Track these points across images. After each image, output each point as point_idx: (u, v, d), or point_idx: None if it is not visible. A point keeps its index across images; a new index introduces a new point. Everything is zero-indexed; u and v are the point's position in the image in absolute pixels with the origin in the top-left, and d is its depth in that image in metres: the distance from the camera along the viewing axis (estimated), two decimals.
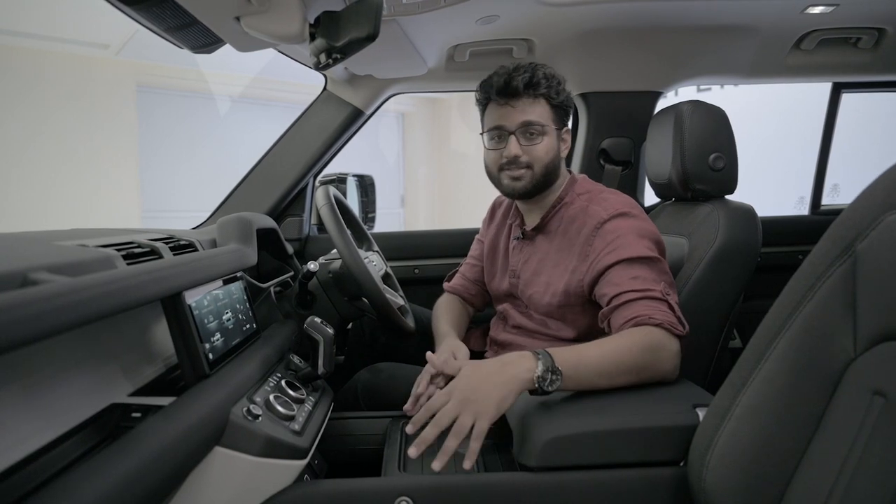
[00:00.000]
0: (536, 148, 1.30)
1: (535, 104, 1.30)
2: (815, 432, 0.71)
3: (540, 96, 1.29)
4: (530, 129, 1.29)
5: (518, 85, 1.27)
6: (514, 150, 1.30)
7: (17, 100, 4.55)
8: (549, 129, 1.31)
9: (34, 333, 0.48)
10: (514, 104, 1.29)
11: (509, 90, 1.28)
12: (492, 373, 0.96)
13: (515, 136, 1.30)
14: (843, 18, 1.73)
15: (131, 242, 0.93)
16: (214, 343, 0.89)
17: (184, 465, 0.72)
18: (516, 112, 1.29)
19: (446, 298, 1.59)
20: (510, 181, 1.33)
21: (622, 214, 1.25)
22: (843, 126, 2.28)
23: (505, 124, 1.30)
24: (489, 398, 0.92)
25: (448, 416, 0.90)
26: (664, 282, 1.16)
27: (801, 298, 0.73)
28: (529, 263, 1.39)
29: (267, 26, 1.06)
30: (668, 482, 0.90)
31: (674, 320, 1.09)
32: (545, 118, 1.30)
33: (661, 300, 1.12)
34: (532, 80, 1.28)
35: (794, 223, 2.25)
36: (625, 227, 1.23)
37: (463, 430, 0.89)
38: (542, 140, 1.30)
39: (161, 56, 5.14)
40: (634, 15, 1.68)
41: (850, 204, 0.72)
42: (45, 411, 0.66)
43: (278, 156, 1.97)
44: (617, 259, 1.18)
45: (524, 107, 1.29)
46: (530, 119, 1.29)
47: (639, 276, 1.15)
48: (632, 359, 1.03)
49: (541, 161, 1.31)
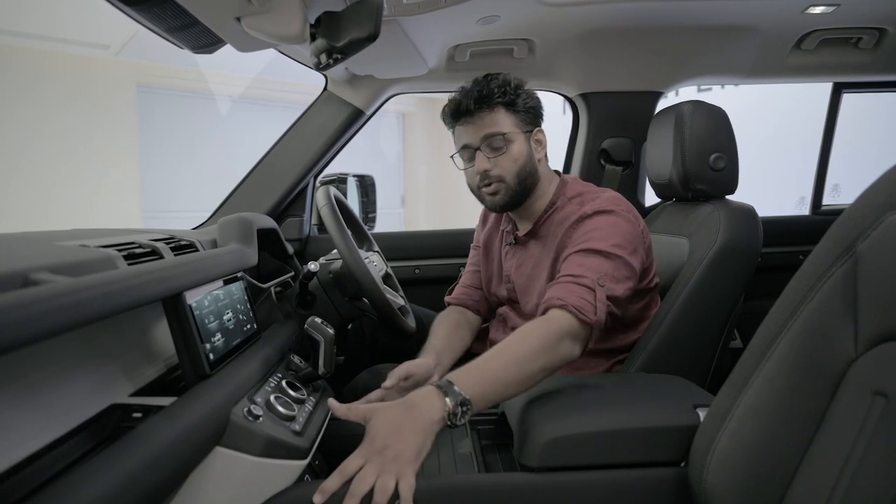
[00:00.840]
0: (503, 159, 1.31)
1: (494, 115, 1.30)
2: (816, 433, 0.71)
3: (496, 105, 1.30)
4: (493, 142, 1.30)
5: (468, 104, 1.29)
6: (483, 165, 1.31)
7: (18, 100, 4.56)
8: (514, 135, 1.31)
9: (35, 334, 0.48)
10: (472, 121, 1.31)
11: (461, 110, 1.31)
12: (402, 422, 0.88)
13: (481, 151, 1.31)
14: (843, 18, 1.73)
15: (132, 243, 0.93)
16: (215, 343, 0.89)
17: (184, 466, 0.72)
18: (475, 127, 1.31)
19: (444, 314, 1.56)
20: (489, 198, 1.35)
21: (604, 212, 1.25)
22: (843, 126, 2.27)
23: (469, 141, 1.32)
24: (407, 451, 0.85)
25: (367, 481, 0.81)
26: (607, 275, 1.15)
27: (802, 298, 0.73)
28: (523, 269, 1.39)
29: (267, 27, 1.06)
30: (669, 483, 0.90)
31: (585, 306, 1.08)
32: (507, 125, 1.30)
33: (586, 287, 1.11)
34: (482, 93, 1.29)
35: (795, 223, 2.25)
36: (601, 223, 1.23)
37: (387, 490, 0.81)
38: (508, 148, 1.30)
39: (161, 56, 5.14)
40: (635, 15, 1.68)
41: (852, 204, 0.72)
42: (45, 412, 0.66)
43: (279, 156, 1.97)
44: (576, 249, 1.19)
45: (482, 120, 1.30)
46: (490, 131, 1.30)
47: (583, 265, 1.15)
48: (530, 361, 1.00)
49: (510, 171, 1.31)
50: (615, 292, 1.14)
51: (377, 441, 0.86)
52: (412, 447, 0.86)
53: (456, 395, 0.91)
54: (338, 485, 0.83)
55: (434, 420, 0.89)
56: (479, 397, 0.93)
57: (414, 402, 0.91)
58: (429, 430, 0.88)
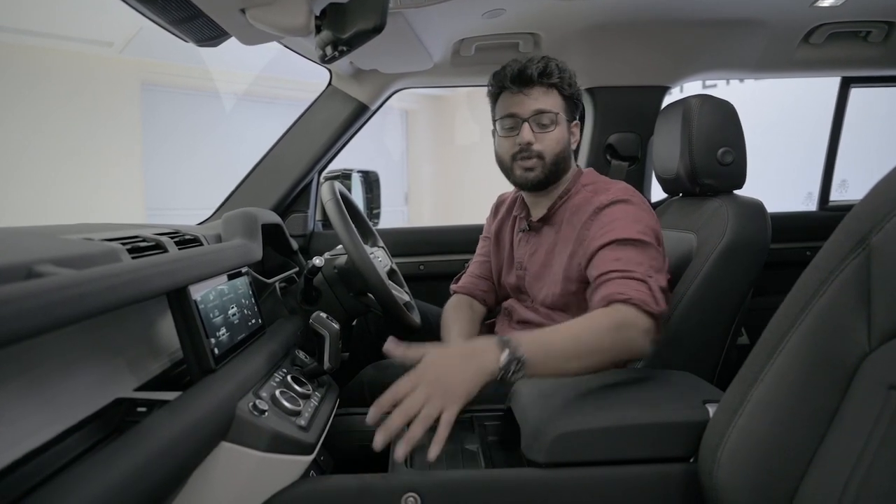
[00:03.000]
0: (548, 136, 1.31)
1: (548, 93, 1.31)
2: (828, 428, 0.70)
3: (553, 86, 1.31)
4: (543, 118, 1.31)
5: (532, 73, 1.29)
6: (527, 137, 1.30)
7: (22, 98, 4.56)
8: (561, 118, 1.32)
9: (39, 325, 0.48)
10: (527, 92, 1.31)
11: (523, 78, 1.30)
12: (458, 362, 0.91)
13: (528, 124, 1.31)
14: (852, 12, 1.71)
15: (136, 236, 0.93)
16: (220, 338, 0.89)
17: (190, 460, 0.72)
18: (529, 100, 1.31)
19: (455, 302, 1.56)
20: (522, 171, 1.34)
21: (622, 201, 1.26)
22: (851, 121, 2.26)
23: (518, 111, 1.31)
24: (457, 387, 0.88)
25: (416, 404, 0.85)
26: (649, 265, 1.15)
27: (814, 292, 0.72)
28: (537, 255, 1.39)
29: (273, 18, 1.05)
30: (679, 478, 0.89)
31: (647, 298, 1.08)
32: (557, 107, 1.32)
33: (639, 280, 1.11)
34: (546, 69, 1.30)
35: (803, 219, 2.24)
36: (621, 212, 1.23)
37: (430, 418, 0.84)
38: (554, 129, 1.31)
39: (165, 54, 5.15)
40: (641, 9, 1.67)
41: (865, 196, 0.71)
42: (50, 405, 0.66)
43: (283, 151, 1.97)
44: (606, 241, 1.19)
45: (538, 95, 1.31)
46: (543, 107, 1.30)
47: (622, 258, 1.15)
48: (598, 339, 1.01)
49: (552, 150, 1.31)
50: (661, 282, 1.15)
51: (430, 371, 0.89)
52: (462, 385, 0.88)
53: (515, 350, 0.92)
54: (390, 403, 0.85)
55: (487, 368, 0.91)
56: (537, 361, 0.94)
57: (472, 347, 0.94)
58: (480, 374, 0.90)
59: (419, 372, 0.89)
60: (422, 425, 0.84)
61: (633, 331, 1.05)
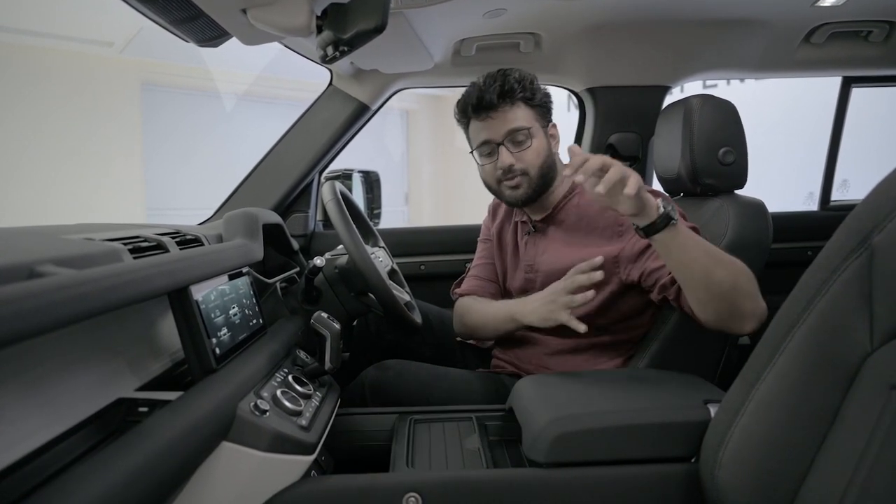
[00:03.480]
0: (527, 153, 1.31)
1: (515, 109, 1.30)
2: (830, 428, 0.70)
3: (517, 101, 1.30)
4: (517, 136, 1.30)
5: (491, 98, 1.28)
6: (507, 160, 1.31)
7: (22, 98, 4.56)
8: (535, 130, 1.32)
9: (40, 325, 0.48)
10: (493, 116, 1.30)
11: (484, 104, 1.30)
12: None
13: (504, 146, 1.31)
14: (854, 11, 1.71)
15: (137, 236, 0.93)
16: (221, 338, 0.89)
17: (191, 460, 0.72)
18: (498, 122, 1.30)
19: (465, 300, 1.55)
20: (511, 191, 1.35)
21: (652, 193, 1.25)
22: (852, 121, 2.26)
23: (490, 137, 1.32)
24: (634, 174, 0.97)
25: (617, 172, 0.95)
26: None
27: (816, 292, 0.72)
28: (548, 255, 1.38)
29: (274, 18, 1.05)
30: (680, 479, 0.89)
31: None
32: (528, 120, 1.31)
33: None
34: (504, 87, 1.28)
35: (804, 219, 2.24)
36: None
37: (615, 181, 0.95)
38: (530, 143, 1.31)
39: (165, 54, 5.15)
40: (642, 8, 1.67)
41: (867, 196, 0.71)
42: (51, 406, 0.66)
43: (284, 151, 1.97)
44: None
45: (504, 115, 1.30)
46: (514, 126, 1.30)
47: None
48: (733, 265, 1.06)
49: (534, 164, 1.32)
50: None
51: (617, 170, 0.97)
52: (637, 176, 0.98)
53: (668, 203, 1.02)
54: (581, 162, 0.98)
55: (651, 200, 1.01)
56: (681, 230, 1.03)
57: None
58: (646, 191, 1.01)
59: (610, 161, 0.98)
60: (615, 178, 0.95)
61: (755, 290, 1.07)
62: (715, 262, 1.04)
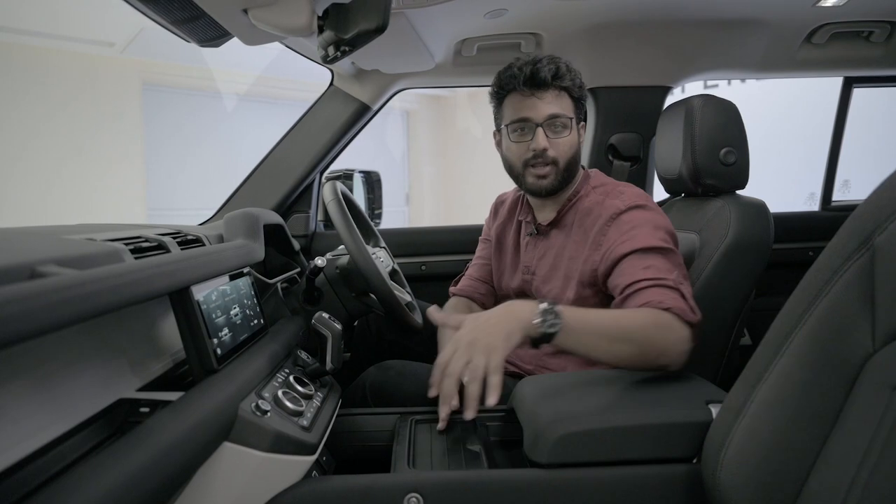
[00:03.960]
0: (562, 142, 1.28)
1: (560, 97, 1.28)
2: (832, 429, 0.69)
3: (564, 88, 1.27)
4: (557, 122, 1.27)
5: (546, 76, 1.24)
6: (543, 143, 1.27)
7: (23, 98, 4.57)
8: (573, 122, 1.29)
9: (43, 325, 0.48)
10: (540, 95, 1.26)
11: (536, 80, 1.25)
12: (492, 315, 0.96)
13: (543, 129, 1.27)
14: (855, 12, 1.71)
15: (139, 237, 0.93)
16: (222, 338, 0.89)
17: (193, 461, 0.72)
18: (543, 104, 1.26)
19: (453, 303, 1.56)
20: (535, 179, 1.30)
21: (639, 206, 1.24)
22: (853, 121, 2.26)
23: (531, 116, 1.27)
24: (495, 334, 0.91)
25: (459, 362, 0.89)
26: (677, 272, 1.14)
27: (818, 292, 0.72)
28: (546, 259, 1.37)
29: (275, 19, 1.05)
30: (681, 479, 0.89)
31: (685, 307, 1.07)
32: (570, 111, 1.29)
33: (672, 288, 1.10)
34: (558, 71, 1.26)
35: (805, 219, 2.24)
36: (640, 219, 1.21)
37: (477, 370, 0.88)
38: (567, 134, 1.28)
39: (166, 54, 5.15)
40: (644, 8, 1.67)
41: (869, 196, 0.71)
42: (53, 406, 0.66)
43: (285, 151, 1.97)
44: (631, 249, 1.17)
45: (551, 99, 1.27)
46: (557, 111, 1.27)
47: (651, 266, 1.13)
48: (638, 329, 1.01)
49: (566, 156, 1.29)
50: (689, 290, 1.14)
51: (467, 333, 0.93)
52: (500, 333, 0.92)
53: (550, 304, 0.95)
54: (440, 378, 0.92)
55: (524, 318, 0.93)
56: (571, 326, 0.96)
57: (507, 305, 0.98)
58: (516, 324, 0.93)
59: (457, 337, 0.92)
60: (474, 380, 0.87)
61: (672, 334, 1.04)
62: (615, 340, 1.00)
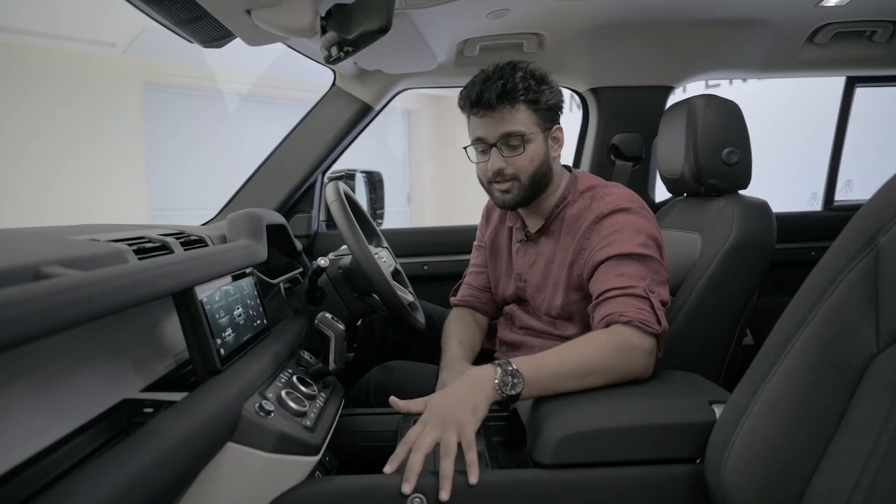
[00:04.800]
0: (519, 159, 1.25)
1: (515, 112, 1.23)
2: (836, 429, 0.69)
3: (519, 102, 1.23)
4: (511, 140, 1.24)
5: (490, 97, 1.21)
6: (497, 164, 1.25)
7: (24, 98, 4.57)
8: (534, 134, 1.25)
9: (47, 327, 0.48)
10: (491, 115, 1.24)
11: (482, 103, 1.23)
12: (455, 390, 0.96)
13: (497, 148, 1.25)
14: (858, 11, 1.71)
15: (142, 237, 0.93)
16: (226, 338, 0.89)
17: (196, 462, 0.72)
18: (494, 123, 1.24)
19: (456, 314, 1.54)
20: (500, 194, 1.30)
21: (622, 210, 1.22)
22: (856, 121, 2.25)
23: (484, 136, 1.26)
24: (462, 409, 0.92)
25: (428, 440, 0.89)
26: (651, 279, 1.13)
27: (822, 293, 0.72)
28: (536, 267, 1.36)
29: (278, 19, 1.05)
30: (685, 479, 0.89)
31: (648, 318, 1.06)
32: (527, 124, 1.24)
33: (641, 297, 1.09)
34: (506, 87, 1.21)
35: (808, 219, 2.23)
36: (622, 223, 1.20)
37: (450, 446, 0.89)
38: (525, 149, 1.24)
39: (167, 54, 5.16)
40: (646, 8, 1.66)
41: (873, 196, 0.71)
42: (57, 406, 0.66)
43: (287, 152, 1.97)
44: (607, 255, 1.16)
45: (502, 116, 1.23)
46: (509, 130, 1.23)
47: (624, 273, 1.13)
48: (596, 359, 1.01)
49: (526, 171, 1.26)
50: (662, 297, 1.13)
51: (435, 409, 0.94)
52: (466, 407, 0.93)
53: (506, 366, 0.97)
54: (404, 454, 0.90)
55: (484, 386, 0.95)
56: (532, 375, 0.98)
57: (466, 375, 0.99)
58: (480, 394, 0.95)
59: (424, 417, 0.94)
60: (448, 458, 0.88)
61: (633, 352, 1.04)
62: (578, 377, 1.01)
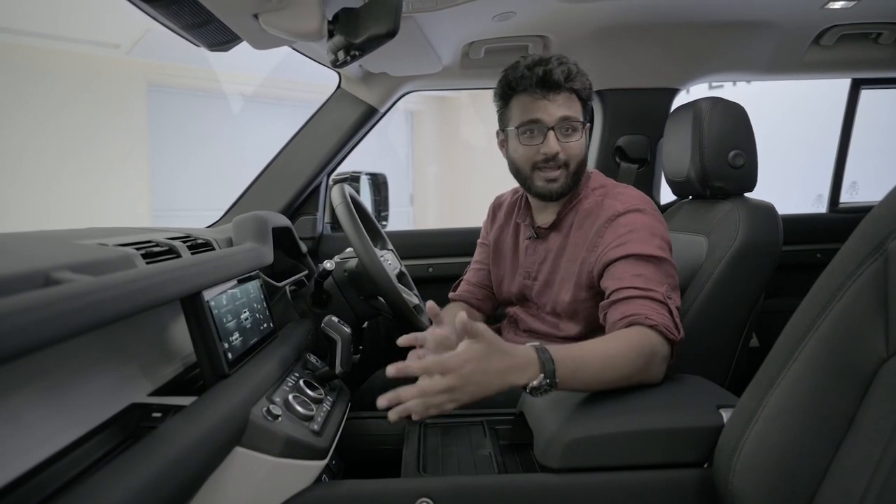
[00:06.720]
0: (573, 145, 1.26)
1: (571, 99, 1.24)
2: (845, 434, 0.69)
3: (575, 91, 1.24)
4: (568, 125, 1.24)
5: (559, 78, 1.21)
6: (555, 147, 1.24)
7: (28, 99, 4.59)
8: (582, 125, 1.27)
9: (59, 333, 0.48)
10: (551, 98, 1.23)
11: (549, 82, 1.21)
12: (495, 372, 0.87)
13: (554, 132, 1.24)
14: (864, 13, 1.70)
15: (150, 241, 0.93)
16: (233, 342, 0.89)
17: (205, 467, 0.72)
18: (554, 106, 1.23)
19: (451, 306, 1.54)
20: (545, 182, 1.28)
21: (637, 210, 1.22)
22: (861, 123, 2.25)
23: (543, 118, 1.24)
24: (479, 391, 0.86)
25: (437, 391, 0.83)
26: (668, 284, 1.12)
27: (831, 297, 0.71)
28: (546, 264, 1.36)
29: (285, 23, 1.05)
30: (693, 484, 0.89)
31: (670, 324, 1.05)
32: (579, 113, 1.26)
33: (660, 302, 1.08)
34: (570, 74, 1.22)
35: (813, 221, 2.23)
36: (638, 223, 1.20)
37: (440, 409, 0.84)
38: (577, 137, 1.26)
39: (171, 55, 5.16)
40: (651, 11, 1.66)
41: (882, 200, 0.70)
42: (66, 411, 0.66)
43: (292, 154, 1.97)
44: (625, 253, 1.15)
45: (563, 101, 1.23)
46: (569, 114, 1.24)
47: (643, 275, 1.12)
48: (627, 364, 0.99)
49: (576, 158, 1.27)
50: (677, 303, 1.12)
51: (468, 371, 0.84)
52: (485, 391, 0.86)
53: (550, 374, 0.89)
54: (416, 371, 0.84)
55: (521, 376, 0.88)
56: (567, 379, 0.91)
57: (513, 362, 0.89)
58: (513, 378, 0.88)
59: (457, 360, 0.85)
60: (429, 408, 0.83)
61: (656, 358, 1.03)
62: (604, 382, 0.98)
